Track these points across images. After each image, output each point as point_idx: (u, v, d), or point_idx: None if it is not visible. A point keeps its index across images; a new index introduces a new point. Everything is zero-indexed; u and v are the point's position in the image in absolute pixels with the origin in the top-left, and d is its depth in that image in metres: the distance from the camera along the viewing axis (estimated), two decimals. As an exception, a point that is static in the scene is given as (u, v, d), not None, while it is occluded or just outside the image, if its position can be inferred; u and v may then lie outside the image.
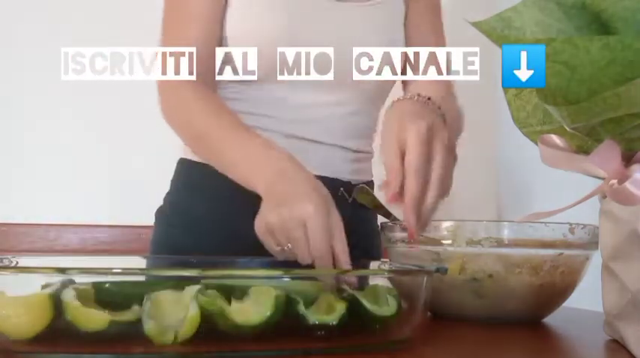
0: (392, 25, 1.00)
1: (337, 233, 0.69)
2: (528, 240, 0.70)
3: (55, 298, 0.49)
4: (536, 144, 0.62)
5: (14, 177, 1.63)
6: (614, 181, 0.54)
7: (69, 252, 1.57)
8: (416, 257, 0.73)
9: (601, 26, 0.56)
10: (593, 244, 0.71)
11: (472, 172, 1.86)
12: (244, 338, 0.51)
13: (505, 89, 0.66)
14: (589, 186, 0.58)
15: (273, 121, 0.95)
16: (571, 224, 0.71)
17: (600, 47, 0.48)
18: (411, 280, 0.59)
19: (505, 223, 0.72)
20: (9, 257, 0.59)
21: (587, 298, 0.76)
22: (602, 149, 0.54)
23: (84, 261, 0.79)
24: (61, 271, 0.49)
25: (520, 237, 0.71)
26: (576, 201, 0.59)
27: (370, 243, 0.99)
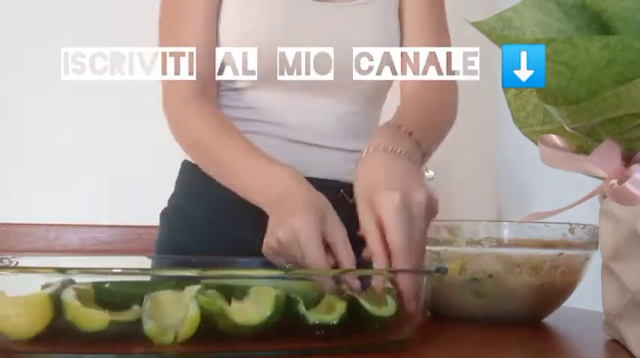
0: (386, 24, 0.99)
1: (339, 241, 0.66)
2: (528, 240, 0.70)
3: (55, 298, 0.49)
4: (536, 144, 0.62)
5: (14, 177, 1.63)
6: (614, 181, 0.54)
7: (69, 252, 1.58)
8: (416, 257, 0.73)
9: (601, 26, 0.56)
10: (593, 244, 0.71)
11: (472, 172, 1.86)
12: (244, 338, 0.51)
13: (505, 89, 0.66)
14: (589, 186, 0.58)
15: (270, 126, 0.95)
16: (571, 224, 0.71)
17: (600, 47, 0.48)
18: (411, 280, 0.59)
19: (505, 223, 0.72)
20: (9, 257, 0.59)
21: (587, 298, 0.76)
22: (602, 149, 0.54)
23: (84, 261, 0.79)
24: (61, 271, 0.49)
25: (520, 237, 0.71)
26: (576, 201, 0.59)
27: None
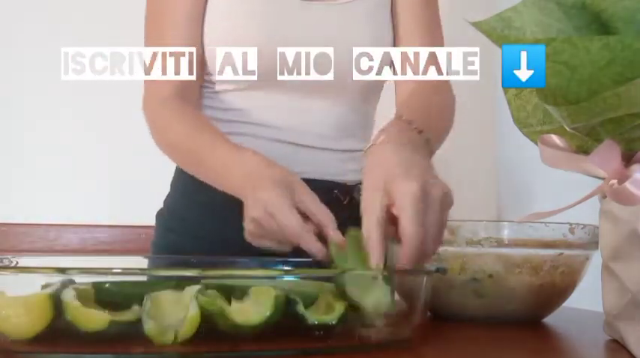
0: (377, 22, 0.99)
1: (312, 206, 0.67)
2: (528, 240, 0.70)
3: (55, 298, 0.49)
4: (536, 144, 0.62)
5: (14, 177, 1.63)
6: (614, 181, 0.54)
7: (69, 252, 1.57)
8: (416, 257, 0.73)
9: (601, 26, 0.56)
10: (593, 244, 0.71)
11: (472, 172, 1.86)
12: (244, 338, 0.51)
13: (505, 89, 0.66)
14: (589, 186, 0.58)
15: (259, 128, 0.94)
16: (571, 224, 0.71)
17: (600, 47, 0.48)
18: (411, 280, 0.59)
19: (505, 223, 0.72)
20: (9, 257, 0.59)
21: (587, 298, 0.76)
22: (602, 149, 0.54)
23: (84, 261, 0.79)
24: (61, 271, 0.49)
25: (520, 237, 0.71)
26: (576, 201, 0.59)
27: None
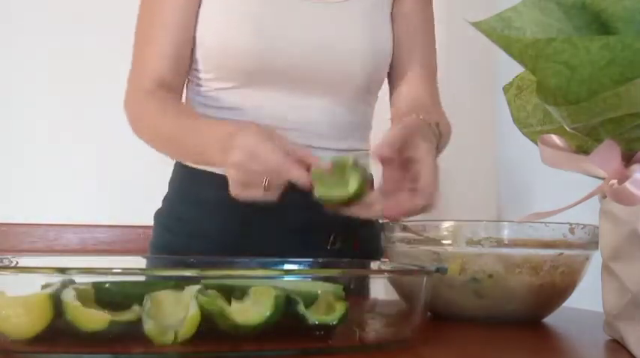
0: (374, 21, 0.99)
1: (290, 145, 0.76)
2: (528, 240, 0.70)
3: (55, 298, 0.49)
4: (536, 144, 0.62)
5: (14, 177, 1.63)
6: (614, 181, 0.54)
7: (69, 252, 1.57)
8: (416, 257, 0.73)
9: (601, 26, 0.56)
10: (593, 244, 0.71)
11: (472, 172, 1.86)
12: (244, 338, 0.51)
13: (505, 89, 0.66)
14: (589, 186, 0.58)
15: None
16: (571, 224, 0.71)
17: (600, 47, 0.48)
18: (411, 280, 0.59)
19: (505, 223, 0.72)
20: (9, 257, 0.59)
21: (587, 298, 0.76)
22: (602, 149, 0.54)
23: (84, 261, 0.79)
24: (61, 271, 0.49)
25: (520, 237, 0.71)
26: (576, 201, 0.59)
27: (373, 247, 0.97)
